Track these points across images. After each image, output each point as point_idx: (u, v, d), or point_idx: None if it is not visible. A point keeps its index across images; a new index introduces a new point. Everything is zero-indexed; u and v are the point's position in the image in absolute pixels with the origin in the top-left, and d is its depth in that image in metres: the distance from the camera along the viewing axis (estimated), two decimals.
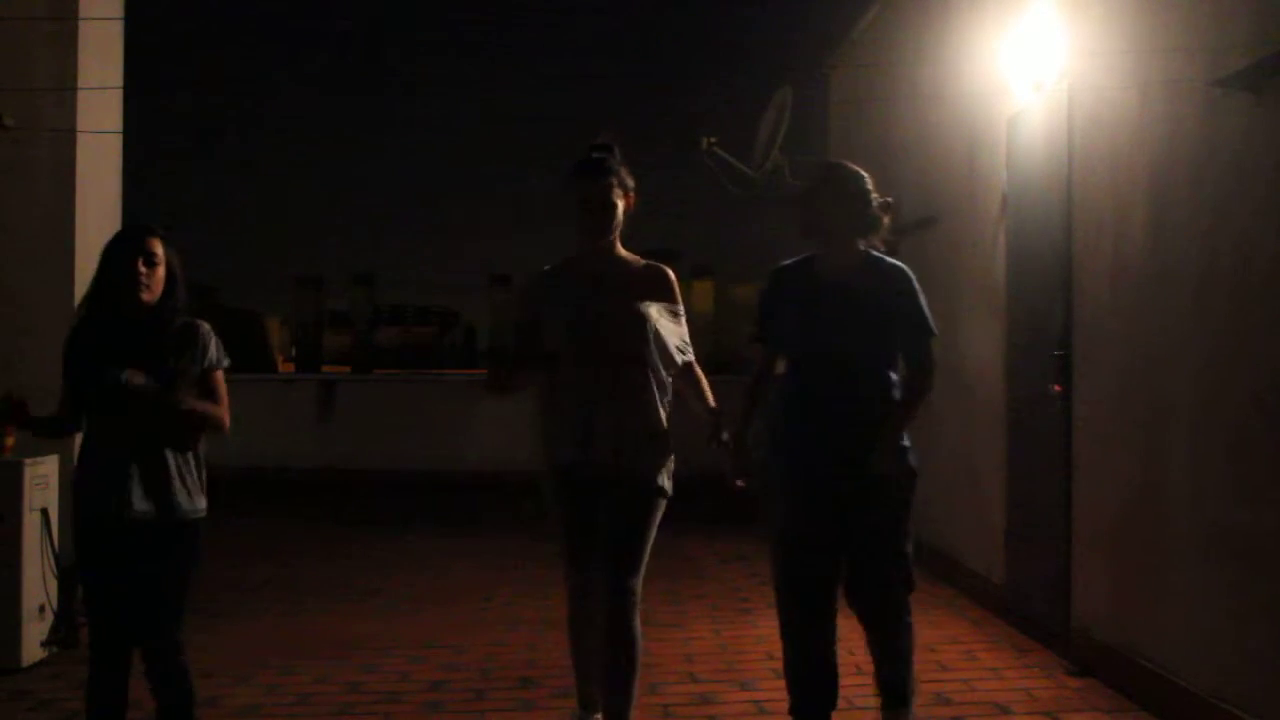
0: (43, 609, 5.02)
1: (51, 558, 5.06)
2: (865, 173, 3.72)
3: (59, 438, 3.59)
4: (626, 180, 3.72)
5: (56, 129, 5.69)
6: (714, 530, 8.01)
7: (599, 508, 3.64)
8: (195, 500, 3.37)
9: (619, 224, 3.72)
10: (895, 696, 3.71)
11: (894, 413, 3.59)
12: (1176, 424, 4.13)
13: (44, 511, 5.02)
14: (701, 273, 14.46)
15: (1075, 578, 4.89)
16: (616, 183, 3.68)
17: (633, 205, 3.76)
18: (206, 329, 3.44)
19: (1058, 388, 5.03)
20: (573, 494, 3.69)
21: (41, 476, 5.03)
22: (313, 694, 4.57)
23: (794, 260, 3.79)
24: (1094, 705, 4.36)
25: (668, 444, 3.69)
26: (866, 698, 4.11)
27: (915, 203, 7.28)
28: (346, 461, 11.97)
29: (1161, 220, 4.26)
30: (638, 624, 3.61)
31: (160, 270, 3.35)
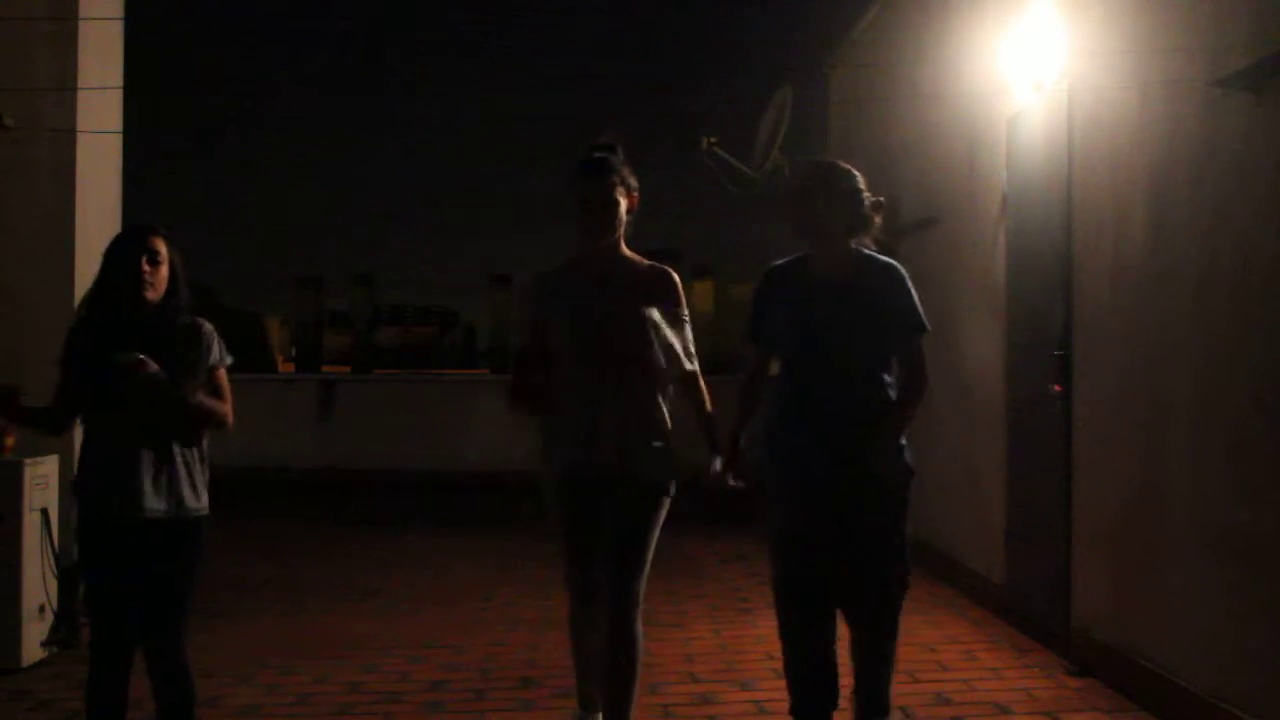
0: (43, 609, 5.03)
1: (51, 558, 5.06)
2: (856, 171, 3.71)
3: (50, 433, 3.56)
4: (629, 180, 3.65)
5: (56, 129, 5.69)
6: (714, 530, 8.00)
7: (602, 508, 3.60)
8: (201, 498, 3.39)
9: (621, 223, 3.65)
10: (876, 707, 3.59)
11: (892, 413, 3.57)
12: (1176, 424, 4.13)
13: (44, 511, 5.03)
14: (701, 273, 14.43)
15: (1075, 578, 4.89)
16: (618, 182, 3.61)
17: (635, 205, 3.69)
18: (210, 328, 3.45)
19: (1058, 388, 5.03)
20: (574, 494, 3.64)
21: (41, 476, 5.03)
22: (313, 694, 4.57)
23: (786, 260, 3.76)
24: (1094, 705, 4.37)
25: (671, 445, 3.65)
26: None
27: (915, 203, 7.29)
28: (346, 461, 11.98)
29: (1161, 220, 4.26)
30: (639, 626, 3.58)
31: (164, 269, 3.36)
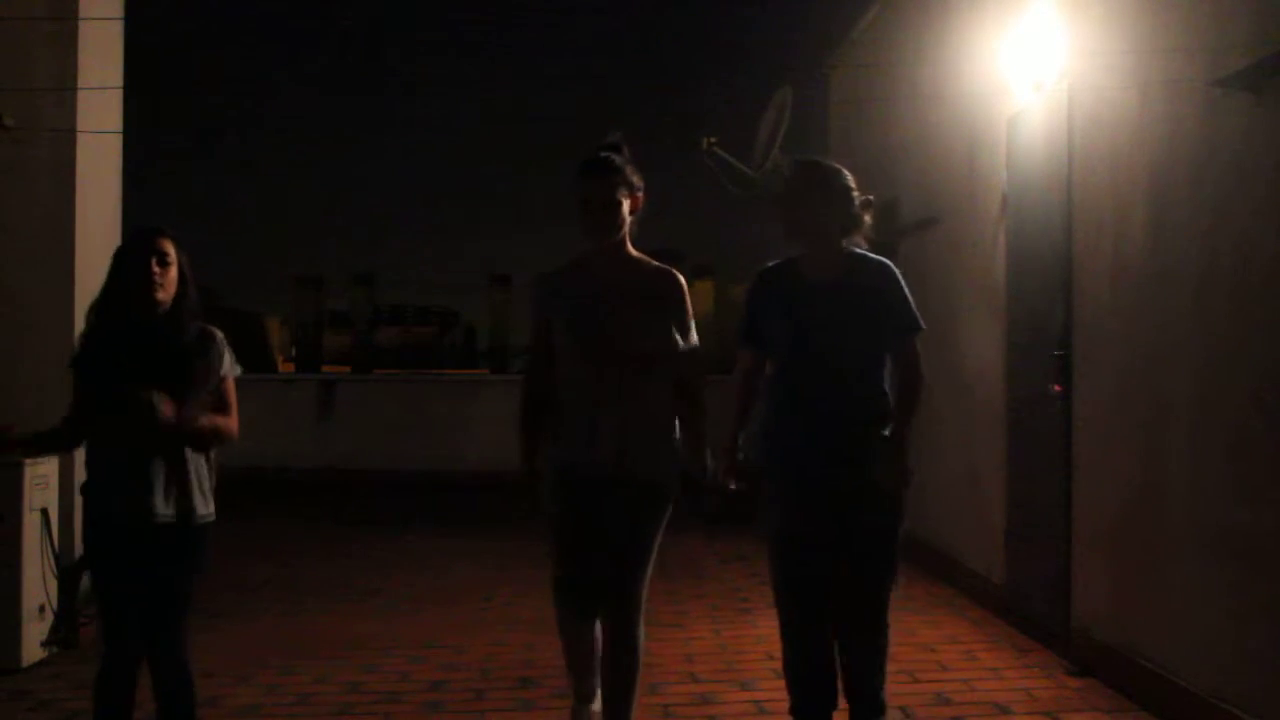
0: (43, 609, 5.03)
1: (51, 558, 5.06)
2: (845, 169, 3.68)
3: (63, 452, 3.55)
4: (632, 179, 3.58)
5: (56, 129, 5.69)
6: (714, 530, 8.00)
7: (601, 508, 3.56)
8: (209, 504, 3.41)
9: (625, 223, 3.58)
10: (871, 706, 3.56)
11: (895, 422, 3.54)
12: (1176, 423, 4.13)
13: (44, 511, 5.03)
14: (702, 273, 14.43)
15: (1075, 578, 4.89)
16: (620, 182, 3.53)
17: (640, 205, 3.62)
18: (221, 337, 3.44)
19: (1058, 388, 5.03)
20: (570, 493, 3.60)
21: (41, 476, 5.03)
22: (313, 694, 4.57)
23: (778, 262, 3.74)
24: (1094, 705, 4.37)
25: (674, 446, 3.64)
26: None
27: (915, 203, 7.29)
28: (346, 461, 11.99)
29: (1161, 220, 4.26)
30: (641, 628, 3.57)
31: (173, 271, 3.34)
